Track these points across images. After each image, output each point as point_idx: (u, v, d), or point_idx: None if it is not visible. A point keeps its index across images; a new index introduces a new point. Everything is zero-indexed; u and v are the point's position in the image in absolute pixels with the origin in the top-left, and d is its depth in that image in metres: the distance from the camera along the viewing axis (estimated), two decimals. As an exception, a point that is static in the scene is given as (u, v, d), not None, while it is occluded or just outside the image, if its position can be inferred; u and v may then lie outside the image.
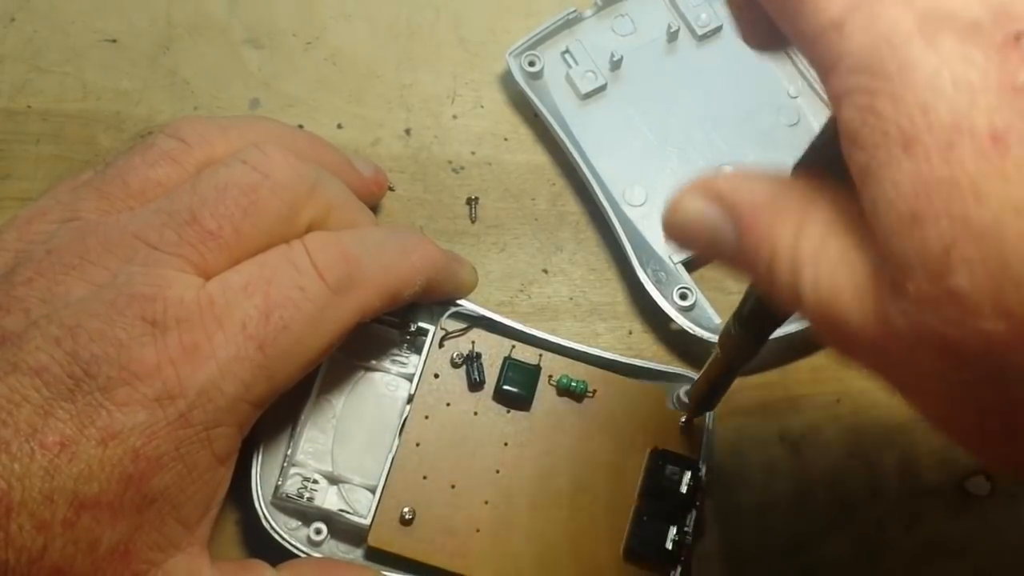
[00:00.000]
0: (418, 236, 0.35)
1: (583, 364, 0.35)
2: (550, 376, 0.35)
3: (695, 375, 0.36)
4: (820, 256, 0.19)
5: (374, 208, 0.39)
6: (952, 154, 0.16)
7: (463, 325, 0.35)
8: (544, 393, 0.35)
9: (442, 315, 0.35)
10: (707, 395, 0.32)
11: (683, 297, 0.37)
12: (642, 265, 0.38)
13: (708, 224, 0.21)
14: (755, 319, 0.27)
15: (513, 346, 0.35)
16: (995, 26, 0.16)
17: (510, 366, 0.35)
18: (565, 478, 0.34)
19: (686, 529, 0.34)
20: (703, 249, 0.22)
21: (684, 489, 0.34)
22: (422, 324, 0.35)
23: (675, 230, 0.22)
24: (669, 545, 0.34)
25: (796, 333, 0.37)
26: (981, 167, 0.16)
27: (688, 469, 0.34)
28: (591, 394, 0.35)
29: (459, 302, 0.35)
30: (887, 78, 0.17)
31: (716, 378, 0.31)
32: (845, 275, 0.18)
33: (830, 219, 0.19)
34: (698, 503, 0.34)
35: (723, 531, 0.37)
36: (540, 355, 0.35)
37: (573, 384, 0.35)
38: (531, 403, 0.35)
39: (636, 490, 0.34)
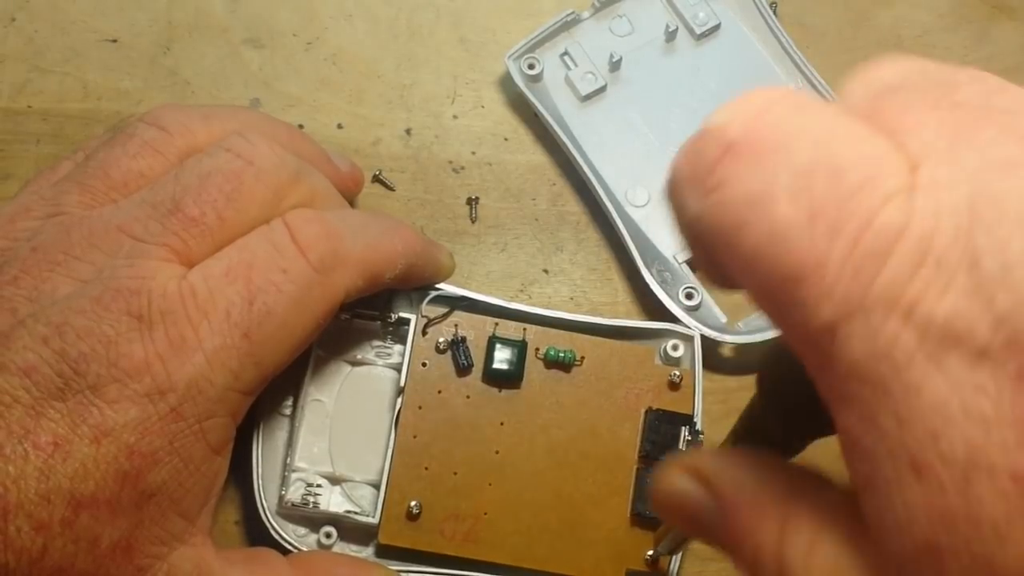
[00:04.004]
0: (398, 220, 0.35)
1: (567, 332, 0.35)
2: (536, 349, 0.35)
3: (678, 328, 0.36)
4: (810, 564, 0.18)
5: (351, 205, 0.38)
6: (970, 490, 0.15)
7: (443, 309, 0.35)
8: (532, 368, 0.35)
9: (421, 302, 0.35)
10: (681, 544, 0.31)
11: (689, 297, 0.37)
12: (647, 265, 0.37)
13: (693, 505, 0.20)
14: None
15: (496, 324, 0.35)
16: (1008, 354, 0.15)
17: (496, 345, 0.35)
18: (564, 449, 0.34)
19: None
20: (688, 528, 0.21)
21: (683, 445, 0.34)
22: (402, 314, 0.35)
23: (660, 504, 0.21)
24: None
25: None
26: (1003, 509, 0.15)
27: (684, 425, 0.34)
28: (579, 362, 0.35)
29: (438, 286, 0.35)
30: (890, 395, 0.16)
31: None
32: None
33: (819, 520, 0.18)
34: None
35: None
36: (524, 329, 0.35)
37: (561, 355, 0.35)
38: (521, 380, 0.35)
39: (636, 452, 0.34)
